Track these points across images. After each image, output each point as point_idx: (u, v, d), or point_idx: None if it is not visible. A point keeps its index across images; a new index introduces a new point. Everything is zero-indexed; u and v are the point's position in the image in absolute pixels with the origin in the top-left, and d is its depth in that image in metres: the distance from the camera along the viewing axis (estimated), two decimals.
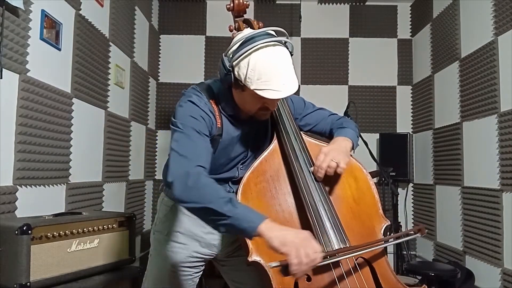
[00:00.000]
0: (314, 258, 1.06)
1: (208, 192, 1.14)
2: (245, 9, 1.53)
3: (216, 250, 1.51)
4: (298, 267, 1.04)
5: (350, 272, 1.24)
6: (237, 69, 1.24)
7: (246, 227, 1.09)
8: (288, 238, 1.07)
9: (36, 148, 1.89)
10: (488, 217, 2.59)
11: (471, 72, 2.83)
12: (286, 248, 1.05)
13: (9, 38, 1.70)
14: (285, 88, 1.21)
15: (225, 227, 1.12)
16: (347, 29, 3.97)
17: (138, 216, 3.15)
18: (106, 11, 2.70)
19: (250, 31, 1.26)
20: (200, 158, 1.23)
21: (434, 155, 3.41)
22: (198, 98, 1.33)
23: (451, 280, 2.47)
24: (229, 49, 1.26)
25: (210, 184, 1.17)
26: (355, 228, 1.32)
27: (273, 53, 1.22)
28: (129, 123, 3.12)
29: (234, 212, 1.09)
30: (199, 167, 1.20)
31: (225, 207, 1.10)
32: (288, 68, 1.23)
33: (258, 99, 1.25)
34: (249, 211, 1.12)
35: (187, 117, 1.28)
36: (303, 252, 1.04)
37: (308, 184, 1.29)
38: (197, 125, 1.27)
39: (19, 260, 1.49)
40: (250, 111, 1.35)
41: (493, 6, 2.58)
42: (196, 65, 3.91)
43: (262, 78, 1.19)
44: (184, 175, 1.16)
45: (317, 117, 1.58)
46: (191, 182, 1.14)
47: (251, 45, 1.20)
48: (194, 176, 1.16)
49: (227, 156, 1.42)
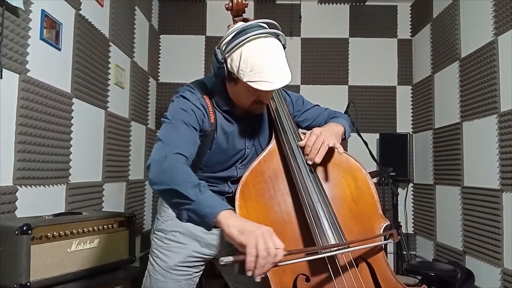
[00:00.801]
0: (274, 254, 0.97)
1: (179, 175, 1.12)
2: (243, 9, 1.53)
3: (216, 250, 1.51)
4: (255, 261, 0.96)
5: (349, 273, 1.23)
6: (229, 61, 1.24)
7: (206, 212, 1.04)
8: (247, 228, 1.00)
9: (36, 148, 1.90)
10: (488, 217, 2.58)
11: (471, 72, 2.83)
12: (244, 237, 0.97)
13: (9, 38, 1.70)
14: (278, 79, 1.21)
15: (187, 212, 1.08)
16: (347, 29, 3.97)
17: (138, 216, 3.15)
18: (106, 11, 2.70)
19: (243, 23, 1.27)
20: (183, 146, 1.22)
21: (434, 155, 3.41)
22: (190, 93, 1.35)
23: (451, 280, 2.47)
24: (222, 41, 1.26)
25: (184, 169, 1.15)
26: (355, 228, 1.31)
27: (265, 44, 1.21)
28: (129, 123, 3.12)
29: (198, 197, 1.06)
30: (179, 154, 1.19)
31: (190, 190, 1.07)
32: (281, 60, 1.23)
33: (251, 91, 1.25)
34: (213, 199, 1.08)
35: (177, 110, 1.30)
36: (263, 245, 0.96)
37: (307, 184, 1.29)
38: (186, 117, 1.28)
39: (19, 260, 1.49)
40: (244, 105, 1.35)
41: (493, 6, 2.58)
42: (196, 65, 3.92)
43: (254, 69, 1.19)
44: (161, 159, 1.16)
45: (315, 112, 1.61)
46: (166, 165, 1.14)
47: (243, 36, 1.20)
48: (171, 160, 1.15)
49: (223, 153, 1.42)
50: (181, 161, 1.17)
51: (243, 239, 0.98)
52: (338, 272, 1.22)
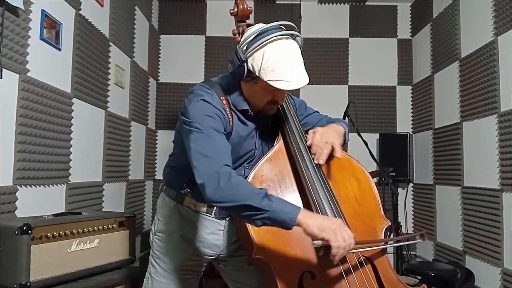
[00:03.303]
0: (350, 242, 1.12)
1: (242, 190, 1.17)
2: (248, 15, 1.54)
3: (218, 250, 1.51)
4: (338, 250, 1.11)
5: (353, 271, 1.25)
6: (251, 61, 1.27)
7: (285, 218, 1.13)
8: (325, 224, 1.13)
9: (36, 148, 1.89)
10: (488, 217, 2.59)
11: (471, 72, 2.83)
12: (325, 233, 1.11)
13: (9, 38, 1.70)
14: (298, 79, 1.26)
15: (262, 220, 1.15)
16: (347, 29, 3.97)
17: (138, 216, 3.15)
18: (106, 11, 2.70)
19: (262, 25, 1.30)
20: (225, 157, 1.24)
21: (434, 155, 3.42)
22: (209, 96, 1.33)
23: (451, 280, 2.47)
24: (243, 41, 1.29)
25: (242, 182, 1.21)
26: (358, 228, 1.33)
27: (286, 46, 1.27)
28: (129, 123, 3.12)
29: (271, 206, 1.13)
30: (226, 166, 1.21)
31: (262, 202, 1.13)
32: (300, 61, 1.29)
33: (269, 91, 1.29)
34: (284, 204, 1.17)
35: (203, 116, 1.27)
36: (341, 236, 1.11)
37: (315, 183, 1.31)
38: (214, 123, 1.28)
39: (19, 260, 1.49)
40: (259, 104, 1.37)
41: (493, 6, 2.58)
42: (196, 65, 3.91)
43: (276, 69, 1.23)
44: (214, 176, 1.17)
45: (316, 118, 1.62)
46: (223, 183, 1.16)
47: (266, 37, 1.24)
48: (224, 175, 1.17)
49: (235, 154, 1.42)
50: (233, 173, 1.20)
51: (325, 235, 1.11)
52: (348, 270, 1.24)
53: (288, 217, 1.13)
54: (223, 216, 1.49)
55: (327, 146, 1.34)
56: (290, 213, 1.13)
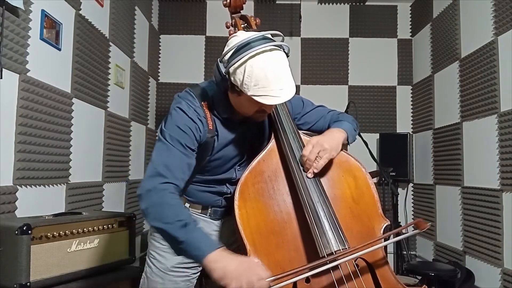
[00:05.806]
0: (259, 286, 1.06)
1: (167, 212, 1.16)
2: (241, 6, 1.52)
3: None
4: None
5: (349, 274, 1.23)
6: (233, 76, 1.21)
7: (196, 254, 1.11)
8: (228, 269, 1.07)
9: (36, 148, 1.89)
10: (488, 217, 2.58)
11: (471, 72, 2.83)
12: (225, 281, 1.07)
13: (9, 38, 1.70)
14: (283, 93, 1.18)
15: (179, 252, 1.14)
16: (347, 29, 3.97)
17: (138, 216, 3.13)
18: (106, 11, 2.70)
19: (245, 35, 1.23)
20: (175, 173, 1.23)
21: (434, 155, 3.41)
22: (187, 104, 1.31)
23: (451, 280, 2.47)
24: (224, 54, 1.22)
25: (172, 204, 1.18)
26: (355, 228, 1.31)
27: (270, 58, 1.18)
28: (129, 123, 3.12)
29: (187, 238, 1.11)
30: (168, 183, 1.20)
31: (179, 231, 1.12)
32: (286, 73, 1.20)
33: (255, 103, 1.21)
34: (202, 239, 1.13)
35: (174, 128, 1.27)
36: (245, 281, 1.05)
37: (307, 184, 1.28)
38: (183, 138, 1.26)
39: (19, 260, 1.49)
40: (247, 113, 1.33)
41: (493, 6, 2.58)
42: (196, 65, 3.92)
43: (259, 84, 1.16)
44: (150, 190, 1.19)
45: (316, 115, 1.56)
46: (156, 199, 1.17)
47: (247, 51, 1.16)
48: (159, 192, 1.18)
49: (224, 158, 1.41)
50: (169, 192, 1.19)
51: (224, 283, 1.07)
52: (339, 274, 1.22)
53: (198, 254, 1.10)
54: (218, 217, 1.49)
55: (319, 163, 1.28)
56: (202, 251, 1.10)
